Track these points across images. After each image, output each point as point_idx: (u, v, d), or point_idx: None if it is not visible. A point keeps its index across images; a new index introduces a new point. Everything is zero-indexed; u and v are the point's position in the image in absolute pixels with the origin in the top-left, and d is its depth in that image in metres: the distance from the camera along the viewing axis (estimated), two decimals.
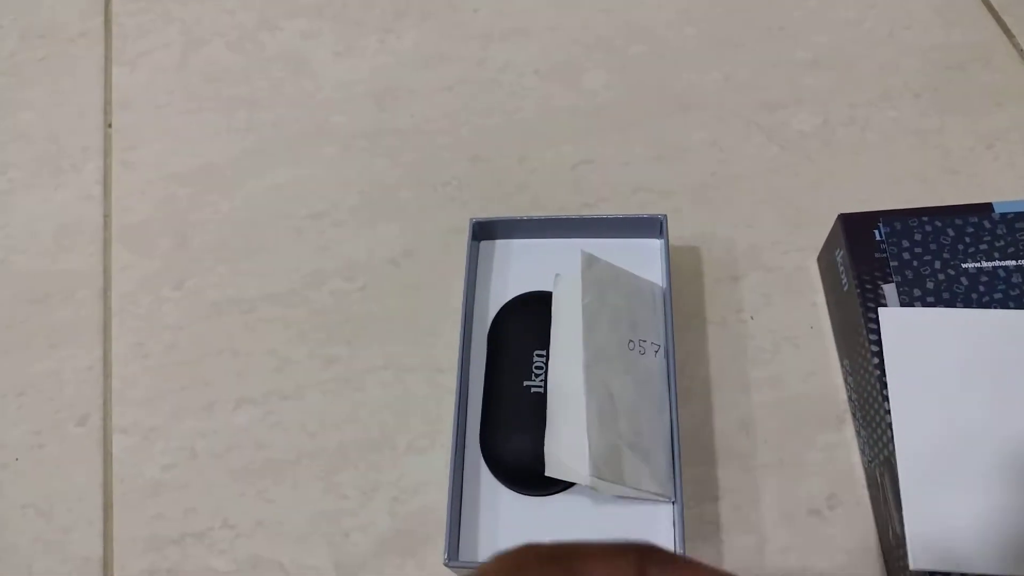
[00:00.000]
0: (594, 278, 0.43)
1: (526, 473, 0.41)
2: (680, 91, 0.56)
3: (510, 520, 0.41)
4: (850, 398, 0.45)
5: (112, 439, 0.48)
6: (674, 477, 0.40)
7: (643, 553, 0.20)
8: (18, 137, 0.59)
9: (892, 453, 0.39)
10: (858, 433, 0.44)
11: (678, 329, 0.47)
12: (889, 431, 0.39)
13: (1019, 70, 0.55)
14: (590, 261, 0.44)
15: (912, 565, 0.36)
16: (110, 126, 0.59)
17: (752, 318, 0.48)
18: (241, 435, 0.47)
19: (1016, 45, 0.56)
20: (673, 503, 0.40)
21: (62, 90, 0.61)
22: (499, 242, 0.49)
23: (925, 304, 0.41)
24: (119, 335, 0.51)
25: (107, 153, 0.58)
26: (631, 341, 0.42)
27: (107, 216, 0.55)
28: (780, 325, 0.47)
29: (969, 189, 0.51)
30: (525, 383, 0.42)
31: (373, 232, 0.53)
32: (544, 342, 0.43)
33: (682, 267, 0.49)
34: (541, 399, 0.41)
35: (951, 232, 0.43)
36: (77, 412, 0.49)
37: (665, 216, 0.46)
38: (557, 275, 0.45)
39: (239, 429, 0.47)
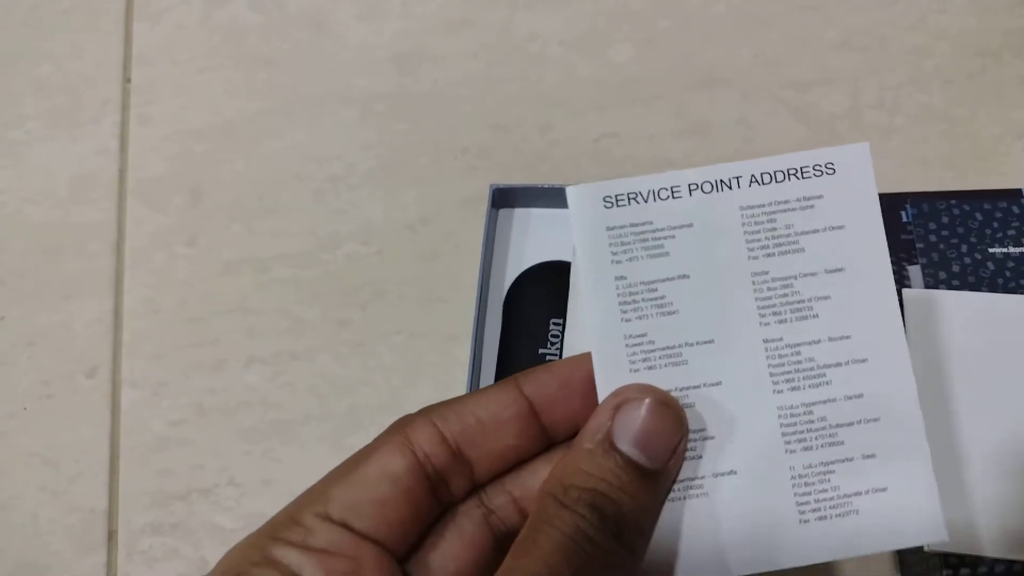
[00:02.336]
0: None
1: None
2: (707, 67, 0.55)
3: None
4: None
5: (121, 392, 0.47)
6: None
7: (518, 377, 0.25)
8: (36, 89, 0.58)
9: None
10: None
11: None
12: None
13: None
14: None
15: (926, 546, 0.36)
16: (129, 81, 0.58)
17: None
18: (250, 394, 0.47)
19: None
20: None
21: (82, 43, 0.60)
22: (518, 211, 0.48)
23: (950, 287, 0.41)
24: (131, 289, 0.50)
25: (125, 108, 0.57)
26: None
27: (123, 170, 0.55)
28: None
29: (997, 178, 0.50)
30: (540, 351, 0.42)
31: (390, 197, 0.52)
32: (561, 310, 0.42)
33: None
34: None
35: (979, 216, 0.43)
36: (86, 364, 0.48)
37: None
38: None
39: (248, 388, 0.47)
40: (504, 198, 0.48)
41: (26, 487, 0.45)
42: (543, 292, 0.44)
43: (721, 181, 0.27)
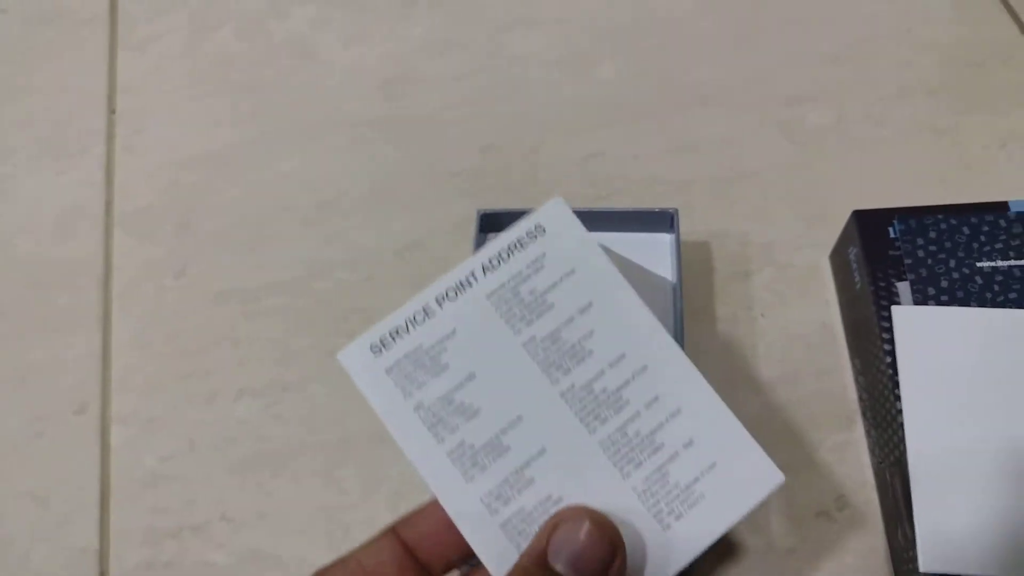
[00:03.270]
0: None
1: None
2: (694, 84, 0.55)
3: None
4: (861, 398, 0.44)
5: (111, 429, 0.47)
6: None
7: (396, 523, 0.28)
8: (22, 121, 0.58)
9: (903, 454, 0.38)
10: (868, 434, 0.43)
11: (688, 325, 0.46)
12: (901, 432, 0.38)
13: None
14: (604, 253, 0.43)
15: (922, 568, 0.36)
16: (114, 111, 0.58)
17: (763, 315, 0.47)
18: (241, 427, 0.46)
19: None
20: None
21: (67, 74, 0.60)
22: None
23: (939, 303, 0.41)
24: (119, 323, 0.50)
25: (111, 139, 0.57)
26: None
27: (109, 202, 0.55)
28: (791, 323, 0.47)
29: (984, 188, 0.50)
30: None
31: (380, 223, 0.52)
32: None
33: (693, 262, 0.49)
34: None
35: (966, 230, 0.42)
36: (76, 400, 0.48)
37: (676, 210, 0.45)
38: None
39: (239, 420, 0.46)
40: (492, 223, 0.47)
41: (16, 527, 0.45)
42: None
43: (459, 283, 0.30)
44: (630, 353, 0.29)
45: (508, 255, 0.30)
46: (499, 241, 0.30)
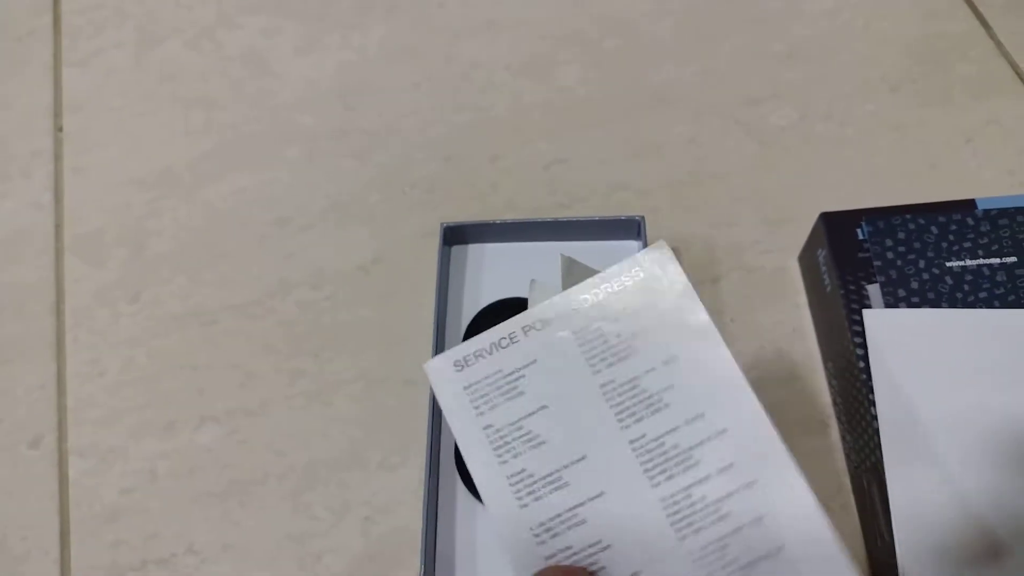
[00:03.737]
0: (574, 283, 0.42)
1: None
2: (657, 86, 0.55)
3: (488, 539, 0.40)
4: (835, 402, 0.44)
5: (68, 461, 0.45)
6: None
7: None
8: None
9: (879, 459, 0.38)
10: (843, 438, 0.43)
11: None
12: (876, 437, 0.38)
13: (997, 63, 0.54)
14: (570, 265, 0.42)
15: (901, 574, 0.35)
16: (61, 130, 0.56)
17: (732, 320, 0.46)
18: (204, 455, 0.45)
19: (993, 37, 0.55)
20: None
21: (9, 92, 0.58)
22: (471, 246, 0.47)
23: (910, 304, 0.40)
24: (73, 351, 0.48)
25: (58, 158, 0.55)
26: None
27: (59, 225, 0.53)
28: (761, 328, 0.46)
29: (949, 184, 0.50)
30: None
31: (341, 238, 0.51)
32: None
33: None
34: None
35: (935, 230, 0.42)
36: (30, 433, 0.46)
37: (643, 217, 0.44)
38: (532, 281, 0.43)
39: (202, 449, 0.45)
40: (456, 235, 0.46)
41: None
42: None
43: (544, 319, 0.30)
44: (710, 413, 0.28)
45: (601, 295, 0.31)
46: (596, 280, 0.30)
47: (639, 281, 0.30)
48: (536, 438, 0.29)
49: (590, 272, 0.42)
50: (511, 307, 0.43)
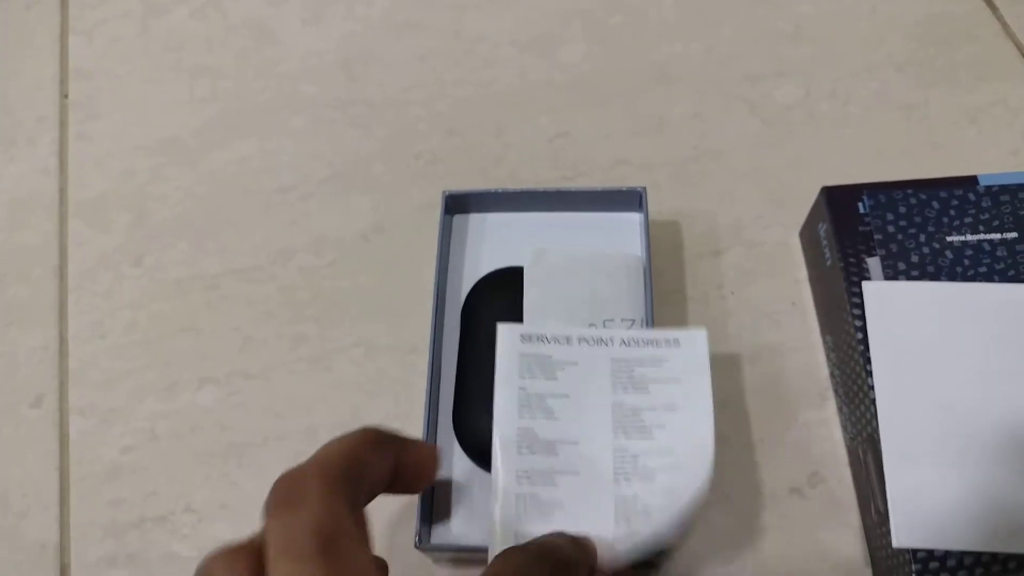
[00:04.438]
0: (541, 273, 0.43)
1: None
2: (661, 63, 0.55)
3: (484, 501, 0.40)
4: (832, 375, 0.44)
5: (69, 421, 0.46)
6: None
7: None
8: None
9: (875, 430, 0.38)
10: (840, 410, 0.43)
11: (657, 305, 0.46)
12: (872, 407, 0.38)
13: (1003, 44, 0.54)
14: (539, 255, 0.43)
15: (895, 543, 0.36)
16: (66, 97, 0.56)
17: (733, 294, 0.47)
18: (204, 417, 0.45)
19: (1000, 18, 0.55)
20: None
21: (16, 60, 0.58)
22: (473, 216, 0.47)
23: (910, 278, 0.40)
24: (76, 314, 0.49)
25: (63, 125, 0.55)
26: (592, 325, 0.41)
27: (63, 190, 0.53)
28: (761, 301, 0.46)
29: (953, 164, 0.50)
30: None
31: (343, 206, 0.51)
32: (519, 317, 0.42)
33: (662, 242, 0.48)
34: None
35: (936, 205, 0.42)
36: (32, 393, 0.46)
37: (644, 189, 0.44)
38: (535, 249, 0.43)
39: (202, 410, 0.45)
40: (457, 204, 0.47)
41: None
42: (501, 299, 0.43)
43: (601, 339, 0.38)
44: (678, 452, 0.35)
45: (644, 344, 0.38)
46: (646, 333, 0.38)
47: (675, 349, 0.37)
48: (551, 413, 0.36)
49: (566, 255, 0.43)
50: (512, 275, 0.43)
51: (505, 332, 0.38)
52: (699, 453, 0.35)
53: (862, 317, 0.40)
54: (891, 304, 0.40)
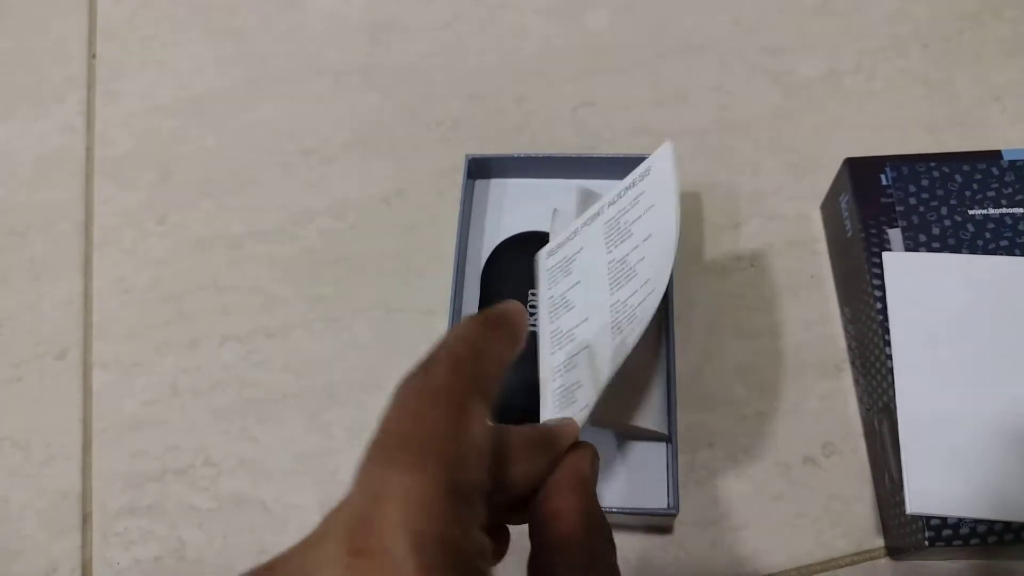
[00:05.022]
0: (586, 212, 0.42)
1: (517, 413, 0.39)
2: (685, 33, 0.54)
3: None
4: (849, 346, 0.44)
5: (92, 374, 0.46)
6: (669, 418, 0.39)
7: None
8: None
9: (892, 399, 0.38)
10: (856, 381, 0.43)
11: (677, 275, 0.46)
12: (890, 376, 0.38)
13: None
14: (586, 195, 0.43)
15: (909, 509, 0.36)
16: (94, 57, 0.57)
17: (752, 266, 0.47)
18: (225, 372, 0.46)
19: None
20: (668, 443, 0.39)
21: (45, 19, 0.59)
22: (494, 181, 0.48)
23: (930, 249, 0.40)
24: (100, 269, 0.49)
25: (91, 84, 0.56)
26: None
27: (89, 148, 0.53)
28: (780, 273, 0.46)
29: (976, 140, 0.50)
30: None
31: (365, 170, 0.51)
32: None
33: (683, 213, 0.47)
34: (534, 338, 0.40)
35: (959, 178, 0.42)
36: (56, 346, 0.47)
37: None
38: (555, 210, 0.43)
39: (223, 366, 0.46)
40: (480, 169, 0.47)
41: None
42: (520, 263, 0.43)
43: (595, 215, 0.39)
44: (653, 279, 0.34)
45: (625, 192, 0.38)
46: (625, 181, 0.38)
47: (648, 178, 0.38)
48: (569, 304, 0.38)
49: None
50: (532, 239, 0.44)
51: (540, 257, 0.41)
52: (665, 268, 0.34)
53: (882, 287, 0.40)
54: (911, 274, 0.40)
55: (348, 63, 0.55)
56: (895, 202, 0.42)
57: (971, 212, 0.41)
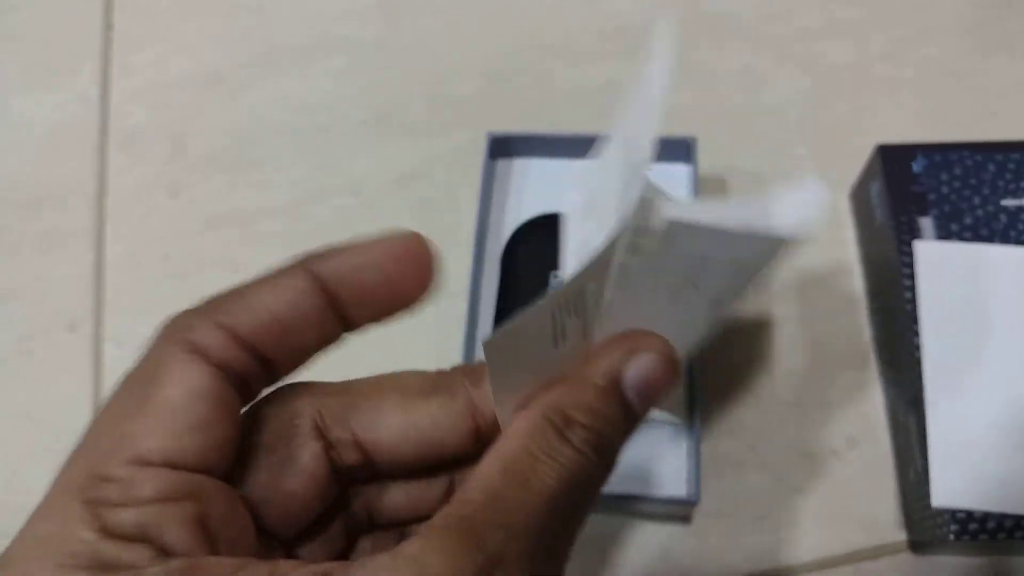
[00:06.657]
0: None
1: None
2: (713, 16, 0.53)
3: None
4: (876, 337, 0.43)
5: (103, 348, 0.46)
6: (692, 406, 0.38)
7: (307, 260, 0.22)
8: (10, 37, 0.56)
9: (920, 391, 0.37)
10: (882, 373, 0.42)
11: None
12: (918, 368, 0.37)
13: None
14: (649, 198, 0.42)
15: (935, 502, 0.35)
16: (110, 28, 0.56)
17: None
18: None
19: None
20: (689, 431, 0.38)
21: None
22: (516, 161, 0.47)
23: (962, 239, 0.40)
24: (112, 243, 0.49)
25: (105, 56, 0.55)
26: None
27: (104, 120, 0.53)
28: (807, 262, 0.45)
29: (1008, 131, 0.48)
30: None
31: (380, 148, 0.50)
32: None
33: (707, 198, 0.47)
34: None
35: (992, 168, 0.41)
36: (67, 318, 0.46)
37: (694, 139, 0.43)
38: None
39: None
40: (502, 147, 0.46)
41: (7, 445, 0.43)
42: (543, 245, 0.42)
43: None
44: None
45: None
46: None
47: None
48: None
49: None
50: (555, 221, 0.43)
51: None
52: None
53: (912, 276, 0.39)
54: (943, 264, 0.39)
55: (364, 39, 0.54)
56: (927, 191, 0.41)
57: (1003, 202, 0.40)
